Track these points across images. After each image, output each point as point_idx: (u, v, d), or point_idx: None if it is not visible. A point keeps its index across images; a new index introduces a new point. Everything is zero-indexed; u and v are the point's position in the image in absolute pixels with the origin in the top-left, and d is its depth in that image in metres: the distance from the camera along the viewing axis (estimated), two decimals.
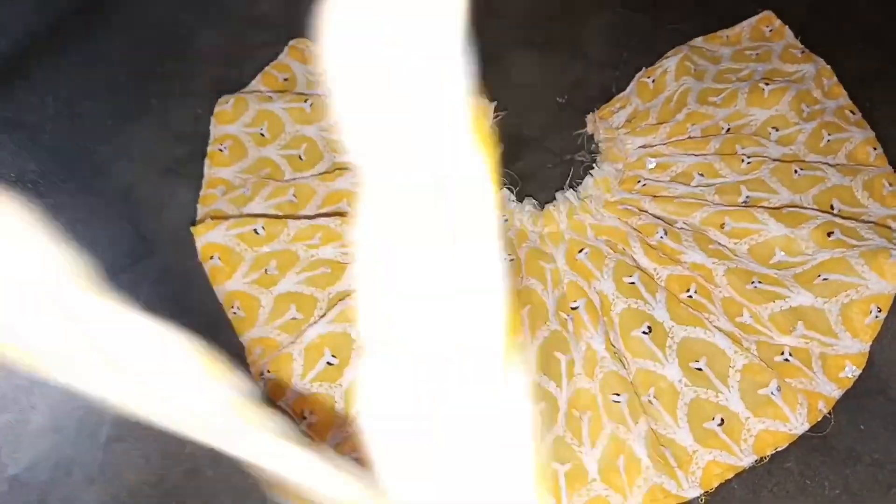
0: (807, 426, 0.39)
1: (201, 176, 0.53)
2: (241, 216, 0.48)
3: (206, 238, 0.47)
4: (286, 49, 0.58)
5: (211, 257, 0.47)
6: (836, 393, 0.41)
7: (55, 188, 0.54)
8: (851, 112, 0.52)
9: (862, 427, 0.41)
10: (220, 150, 0.53)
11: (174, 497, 0.41)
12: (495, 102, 0.54)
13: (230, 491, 0.41)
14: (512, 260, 0.46)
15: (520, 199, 0.50)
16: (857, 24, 0.58)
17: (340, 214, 0.48)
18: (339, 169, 0.51)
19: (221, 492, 0.41)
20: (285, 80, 0.57)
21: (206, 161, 0.53)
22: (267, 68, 0.58)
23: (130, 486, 0.42)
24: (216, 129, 0.54)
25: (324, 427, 0.41)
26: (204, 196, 0.52)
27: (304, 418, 0.41)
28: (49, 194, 0.54)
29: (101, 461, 0.43)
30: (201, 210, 0.51)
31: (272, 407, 0.43)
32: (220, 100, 0.54)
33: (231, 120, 0.54)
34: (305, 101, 0.53)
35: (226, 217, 0.48)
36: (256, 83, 0.57)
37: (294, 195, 0.49)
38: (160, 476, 0.42)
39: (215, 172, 0.52)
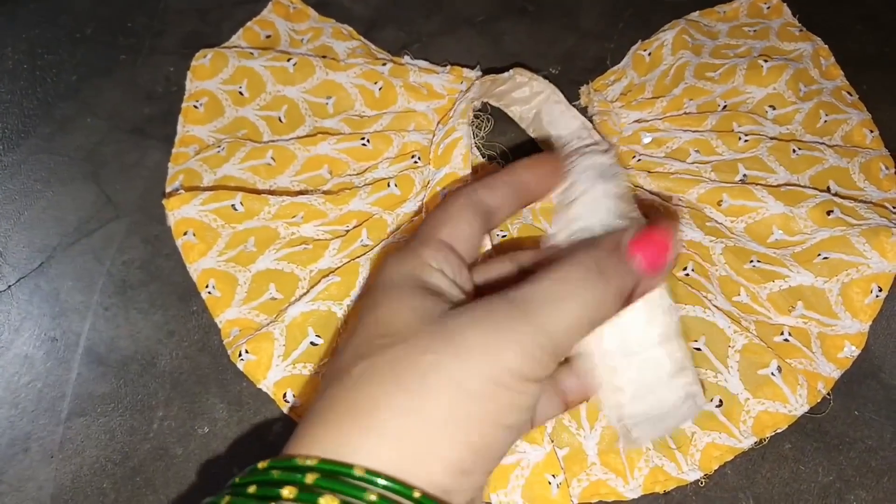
0: (806, 407, 0.38)
1: (171, 136, 0.50)
2: (217, 189, 0.45)
3: (180, 213, 0.44)
4: (269, 4, 0.55)
5: (184, 233, 0.44)
6: (836, 373, 0.40)
7: (14, 145, 0.50)
8: (848, 93, 0.51)
9: (856, 413, 0.40)
10: (196, 107, 0.50)
11: (140, 475, 0.39)
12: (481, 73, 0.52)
13: (200, 470, 0.39)
14: (505, 237, 0.44)
15: None
16: (855, 7, 0.57)
17: (325, 193, 0.45)
18: (321, 133, 0.48)
19: (191, 471, 0.39)
20: (268, 37, 0.54)
21: (180, 118, 0.50)
22: (249, 23, 0.54)
23: (93, 462, 0.39)
24: (192, 84, 0.50)
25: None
26: (175, 154, 0.48)
27: (287, 402, 0.39)
28: (7, 152, 0.50)
29: (62, 437, 0.40)
30: (172, 169, 0.48)
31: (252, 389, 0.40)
32: (197, 54, 0.51)
33: (208, 76, 0.50)
34: (288, 59, 0.50)
35: (200, 189, 0.45)
36: (237, 38, 0.54)
37: (272, 158, 0.46)
38: (125, 453, 0.39)
39: (189, 130, 0.49)
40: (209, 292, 0.43)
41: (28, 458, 0.39)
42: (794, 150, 0.46)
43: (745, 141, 0.46)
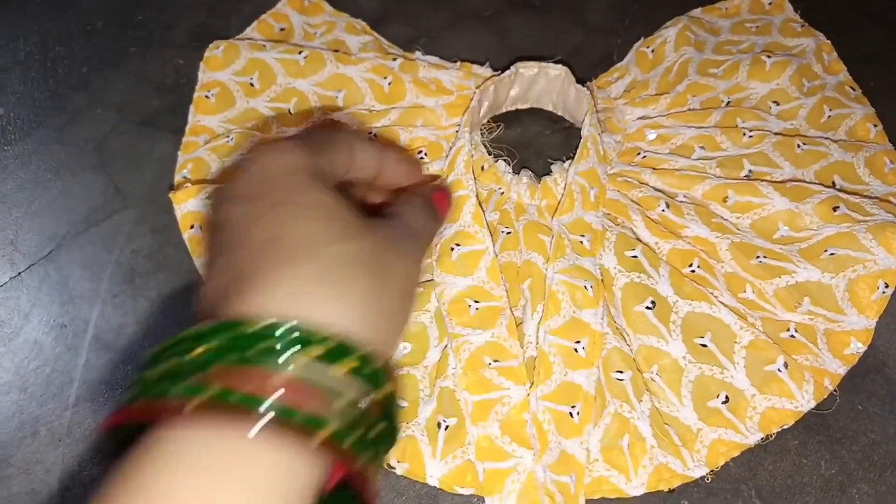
0: (813, 403, 0.38)
1: (179, 129, 0.50)
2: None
3: (186, 206, 0.45)
4: None
5: (191, 227, 0.44)
6: (842, 370, 0.40)
7: (24, 135, 0.51)
8: (852, 88, 0.51)
9: (859, 407, 0.40)
10: (207, 98, 0.50)
11: None
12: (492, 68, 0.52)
13: None
14: (510, 234, 0.44)
15: (516, 171, 0.48)
16: (858, 4, 0.57)
17: None
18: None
19: None
20: (282, 29, 0.55)
21: (191, 108, 0.50)
22: (263, 16, 0.55)
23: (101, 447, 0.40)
24: (204, 74, 0.51)
25: None
26: (185, 143, 0.49)
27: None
28: (18, 141, 0.51)
29: (69, 421, 0.40)
30: (181, 157, 0.48)
31: None
32: (210, 45, 0.52)
33: (221, 66, 0.51)
34: (300, 52, 0.50)
35: (207, 183, 0.46)
36: (251, 30, 0.54)
37: None
38: None
39: (199, 120, 0.50)
40: None
41: (36, 442, 0.39)
42: (798, 146, 0.46)
43: (750, 136, 0.47)
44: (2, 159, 0.50)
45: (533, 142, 0.50)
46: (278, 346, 0.19)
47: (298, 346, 0.19)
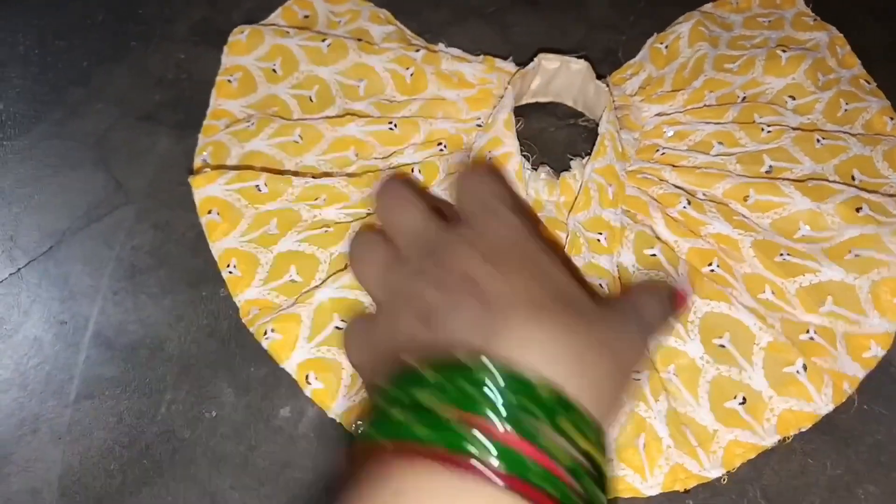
0: (831, 406, 0.38)
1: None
2: (242, 168, 0.45)
3: (205, 191, 0.44)
4: None
5: (209, 212, 0.44)
6: (861, 373, 0.39)
7: (25, 130, 0.50)
8: (866, 82, 0.51)
9: (865, 407, 0.40)
10: (229, 82, 0.50)
11: (147, 458, 0.38)
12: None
13: (207, 454, 0.39)
14: None
15: (534, 168, 0.47)
16: (865, 2, 0.57)
17: (349, 175, 0.45)
18: (350, 115, 0.48)
19: (198, 455, 0.39)
20: (306, 16, 0.54)
21: (213, 91, 0.50)
22: (288, 3, 0.55)
23: (100, 444, 0.39)
24: (227, 59, 0.51)
25: (329, 394, 0.39)
26: (206, 127, 0.49)
27: (309, 383, 0.39)
28: (18, 136, 0.50)
29: (70, 419, 0.39)
30: (202, 140, 0.48)
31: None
32: (234, 30, 0.52)
33: (244, 51, 0.51)
34: (323, 40, 0.50)
35: (226, 168, 0.46)
36: (275, 17, 0.54)
37: (300, 136, 0.46)
38: (132, 436, 0.39)
39: (221, 104, 0.49)
40: (230, 272, 0.42)
41: (36, 440, 0.39)
42: (818, 140, 0.45)
43: (769, 132, 0.46)
44: (1, 155, 0.49)
45: (538, 138, 0.50)
46: (536, 404, 0.19)
47: (556, 410, 0.19)
